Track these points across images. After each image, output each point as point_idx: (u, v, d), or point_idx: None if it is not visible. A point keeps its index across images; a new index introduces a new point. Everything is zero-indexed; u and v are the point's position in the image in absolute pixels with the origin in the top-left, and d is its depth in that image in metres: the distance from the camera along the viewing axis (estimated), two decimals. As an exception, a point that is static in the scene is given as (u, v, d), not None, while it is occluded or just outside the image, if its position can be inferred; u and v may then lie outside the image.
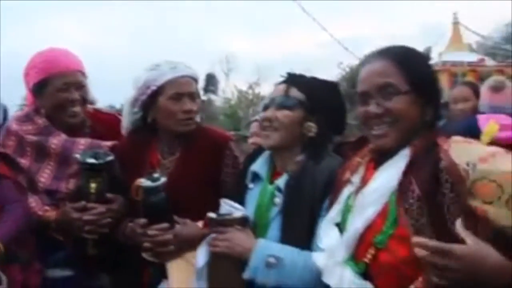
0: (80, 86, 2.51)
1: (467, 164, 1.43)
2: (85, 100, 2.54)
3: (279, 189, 2.02)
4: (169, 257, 2.17)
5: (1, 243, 2.08)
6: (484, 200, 1.38)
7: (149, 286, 2.26)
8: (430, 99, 1.66)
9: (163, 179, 2.17)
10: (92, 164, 2.29)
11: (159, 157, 2.38)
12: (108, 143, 2.51)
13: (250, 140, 4.25)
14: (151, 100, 2.35)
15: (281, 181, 2.03)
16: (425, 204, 1.50)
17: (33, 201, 2.37)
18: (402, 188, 1.55)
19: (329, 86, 2.14)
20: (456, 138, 1.57)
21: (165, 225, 2.15)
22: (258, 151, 2.18)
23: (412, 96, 1.62)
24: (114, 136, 2.53)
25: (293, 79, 2.09)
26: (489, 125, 1.55)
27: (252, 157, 2.19)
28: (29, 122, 2.53)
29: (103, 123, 2.62)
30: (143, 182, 2.15)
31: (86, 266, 2.39)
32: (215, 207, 2.11)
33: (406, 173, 1.56)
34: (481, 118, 3.44)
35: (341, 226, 1.71)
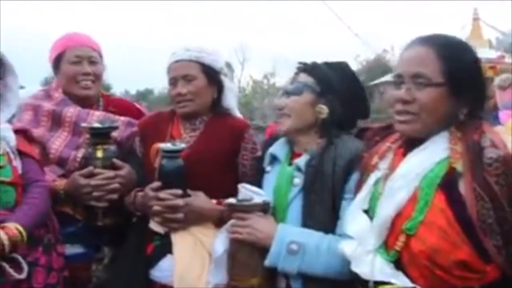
0: (93, 62, 2.58)
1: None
2: (97, 77, 2.59)
3: (298, 169, 1.99)
4: (175, 225, 2.16)
5: (23, 228, 2.00)
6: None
7: (152, 260, 2.23)
8: (468, 94, 1.58)
9: (183, 145, 2.19)
10: (97, 129, 2.31)
11: (181, 131, 2.39)
12: (123, 118, 2.56)
13: None
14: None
15: (301, 161, 2.00)
16: (488, 199, 1.47)
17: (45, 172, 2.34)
18: (449, 181, 1.51)
19: (338, 67, 2.11)
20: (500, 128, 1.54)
21: (178, 191, 2.15)
22: (275, 137, 2.18)
23: (445, 89, 1.56)
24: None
25: (303, 66, 2.10)
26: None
27: (269, 142, 2.20)
28: (47, 99, 2.58)
29: (117, 107, 2.66)
30: (163, 145, 2.17)
31: (95, 240, 2.39)
32: (230, 188, 2.09)
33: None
34: (502, 114, 3.56)
35: (369, 213, 1.66)
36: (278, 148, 2.12)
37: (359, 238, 1.64)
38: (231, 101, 2.44)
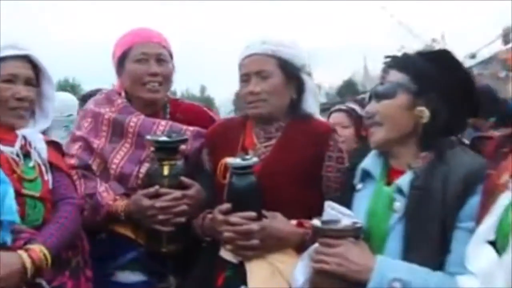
0: (161, 60, 2.32)
1: None
2: (166, 79, 2.34)
3: (399, 191, 1.74)
4: (250, 253, 1.96)
5: (48, 251, 1.85)
6: None
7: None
8: None
9: (254, 159, 1.98)
10: (163, 142, 2.10)
11: (254, 140, 2.15)
12: (192, 128, 2.32)
13: None
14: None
15: (402, 181, 1.74)
16: None
17: (104, 190, 2.19)
18: None
19: (436, 57, 1.82)
20: None
21: (251, 213, 1.94)
22: (366, 146, 1.92)
23: None
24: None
25: (391, 61, 1.84)
26: None
27: (358, 153, 1.97)
28: (107, 105, 2.38)
29: (184, 114, 2.41)
30: (232, 160, 1.97)
31: (159, 267, 2.19)
32: (312, 206, 1.91)
33: None
34: None
35: (497, 245, 1.44)
36: (371, 163, 1.87)
37: (483, 277, 1.44)
38: (312, 104, 2.19)
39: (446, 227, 1.64)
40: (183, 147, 2.18)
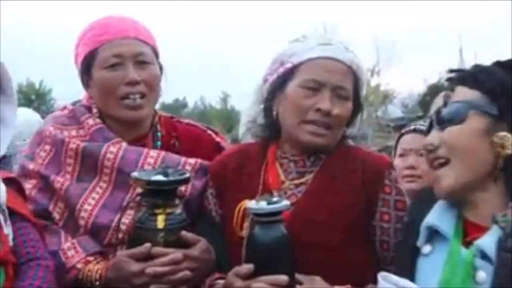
0: (142, 62, 1.80)
1: None
2: (150, 87, 1.81)
3: (483, 255, 1.37)
4: None
5: None
6: None
7: None
8: None
9: (286, 202, 1.59)
10: (158, 183, 1.63)
11: (281, 177, 1.73)
12: (193, 161, 1.82)
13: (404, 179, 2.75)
14: (281, 83, 1.73)
15: (486, 242, 1.38)
16: None
17: (70, 247, 1.71)
18: None
19: None
20: None
21: (282, 277, 1.52)
22: (429, 191, 1.54)
23: None
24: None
25: (460, 76, 1.50)
26: None
27: (422, 199, 1.58)
28: (74, 125, 1.87)
29: (184, 139, 1.93)
30: (253, 204, 1.58)
31: None
32: (361, 266, 1.63)
33: None
34: None
35: None
36: (440, 216, 1.49)
37: None
38: (355, 128, 1.84)
39: None
40: (181, 188, 1.71)
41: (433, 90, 20.09)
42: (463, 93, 1.46)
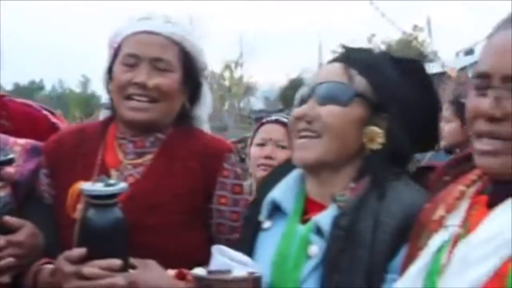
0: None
1: None
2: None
3: (318, 230, 1.45)
4: None
5: None
6: None
7: None
8: None
9: (122, 185, 1.54)
10: None
11: (119, 157, 1.70)
12: (23, 141, 1.77)
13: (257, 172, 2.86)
14: (111, 65, 1.74)
15: (323, 218, 1.44)
16: None
17: None
18: None
19: (409, 67, 1.55)
20: None
21: (115, 261, 1.48)
22: (278, 171, 1.62)
23: None
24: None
25: (352, 57, 1.53)
26: None
27: (269, 179, 1.62)
28: None
29: (15, 119, 1.90)
30: (89, 185, 1.53)
31: None
32: (199, 251, 1.57)
33: None
34: None
35: None
36: (284, 193, 1.54)
37: None
38: (203, 112, 1.83)
39: (373, 279, 1.38)
40: (9, 170, 1.64)
41: (294, 84, 21.56)
42: (354, 77, 1.48)
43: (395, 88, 1.49)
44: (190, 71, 1.73)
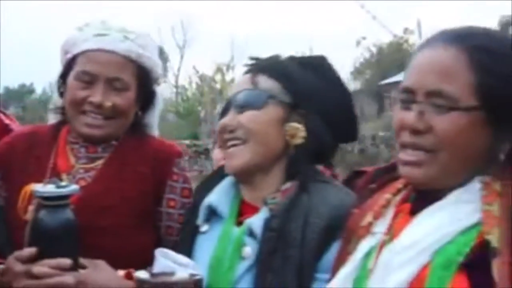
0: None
1: None
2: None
3: (251, 233, 1.50)
4: None
5: None
6: None
7: None
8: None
9: (74, 187, 1.57)
10: None
11: (71, 161, 1.72)
12: None
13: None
14: (65, 73, 1.73)
15: (255, 221, 1.50)
16: None
17: None
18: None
19: (314, 64, 1.60)
20: None
21: (65, 261, 1.50)
22: (215, 175, 1.66)
23: (479, 115, 1.18)
24: None
25: (260, 64, 1.58)
26: None
27: (206, 184, 1.66)
28: None
29: None
30: (41, 187, 1.54)
31: None
32: (148, 252, 1.53)
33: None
34: None
35: None
36: (220, 197, 1.58)
37: None
38: (154, 117, 1.85)
39: (304, 277, 1.42)
40: None
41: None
42: (263, 81, 1.54)
43: (306, 85, 1.54)
44: (145, 84, 1.74)
